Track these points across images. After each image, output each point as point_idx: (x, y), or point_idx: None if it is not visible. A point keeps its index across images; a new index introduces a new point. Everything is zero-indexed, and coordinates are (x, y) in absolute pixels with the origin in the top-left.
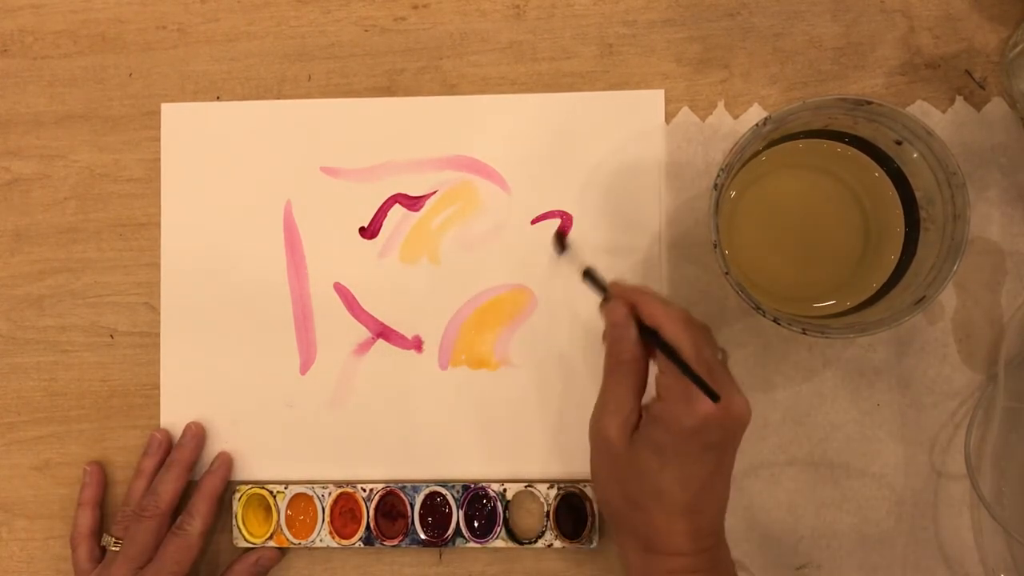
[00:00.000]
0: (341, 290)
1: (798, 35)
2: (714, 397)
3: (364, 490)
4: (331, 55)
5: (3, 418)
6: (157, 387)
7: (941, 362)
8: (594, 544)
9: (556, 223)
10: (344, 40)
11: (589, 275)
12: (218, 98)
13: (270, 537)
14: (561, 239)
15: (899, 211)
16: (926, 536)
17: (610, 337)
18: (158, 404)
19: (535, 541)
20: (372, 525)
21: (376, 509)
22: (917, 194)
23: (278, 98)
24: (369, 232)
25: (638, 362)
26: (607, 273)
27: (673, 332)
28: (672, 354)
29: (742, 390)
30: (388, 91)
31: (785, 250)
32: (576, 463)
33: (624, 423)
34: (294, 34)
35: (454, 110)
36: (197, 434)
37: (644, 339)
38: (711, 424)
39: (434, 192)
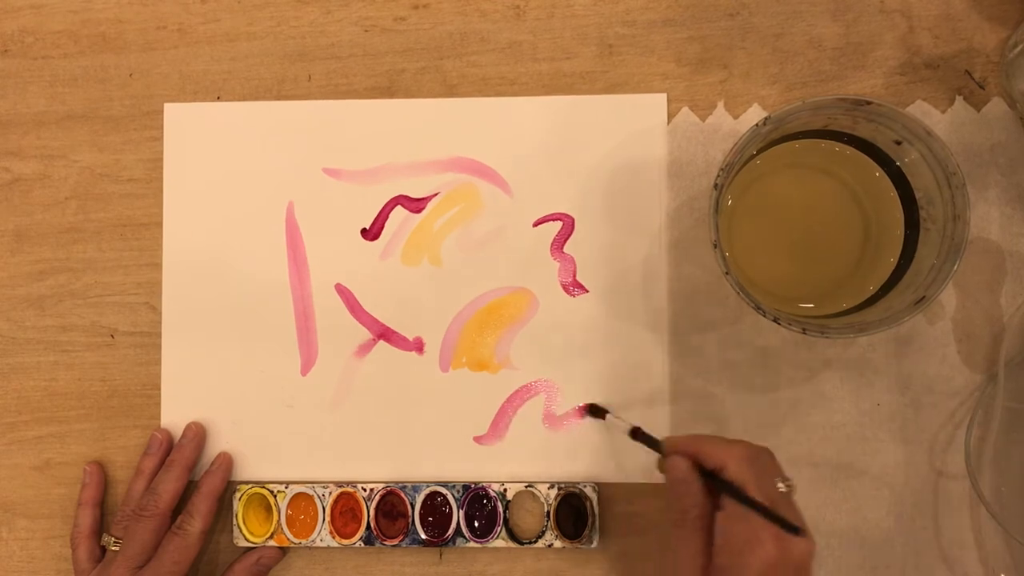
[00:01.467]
0: (343, 291)
1: (798, 35)
2: (793, 529)
3: (364, 490)
4: (331, 55)
5: (3, 418)
6: (157, 387)
7: (941, 362)
8: (594, 544)
9: (558, 224)
10: (344, 40)
11: (639, 435)
12: (218, 98)
13: (271, 536)
14: (595, 411)
15: (899, 211)
16: (926, 536)
17: (675, 493)
18: (158, 404)
19: (535, 541)
20: (372, 525)
21: (376, 509)
22: (917, 194)
23: (278, 98)
24: (371, 233)
25: (707, 516)
26: (607, 274)
27: (737, 470)
28: (738, 493)
29: (805, 522)
30: (388, 91)
31: (785, 250)
32: (576, 463)
33: None
34: (294, 34)
35: (456, 112)
36: (197, 434)
37: (708, 485)
38: (776, 570)
39: (436, 194)
